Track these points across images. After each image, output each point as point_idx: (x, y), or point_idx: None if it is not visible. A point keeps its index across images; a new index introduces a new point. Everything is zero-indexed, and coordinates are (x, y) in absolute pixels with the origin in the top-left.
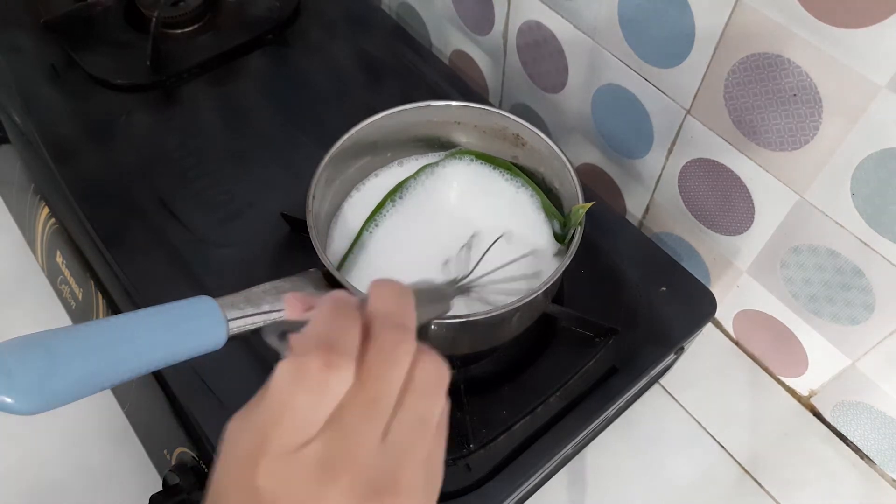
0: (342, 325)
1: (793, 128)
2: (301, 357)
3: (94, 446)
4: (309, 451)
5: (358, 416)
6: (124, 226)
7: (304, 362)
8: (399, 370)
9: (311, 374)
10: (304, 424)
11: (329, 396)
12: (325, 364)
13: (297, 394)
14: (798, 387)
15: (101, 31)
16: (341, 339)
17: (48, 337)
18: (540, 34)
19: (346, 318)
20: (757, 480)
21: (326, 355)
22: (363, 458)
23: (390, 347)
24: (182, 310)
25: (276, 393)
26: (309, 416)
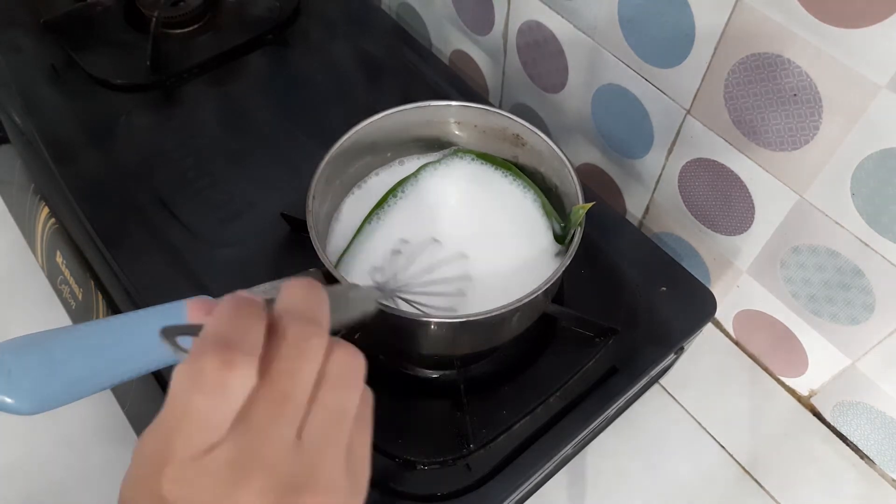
0: (242, 323)
1: (793, 128)
2: (197, 358)
3: (93, 446)
4: (216, 454)
5: (267, 415)
6: (124, 226)
7: (200, 364)
8: (310, 364)
9: (208, 374)
10: (206, 427)
11: (230, 397)
12: (222, 363)
13: (196, 397)
14: (798, 387)
15: (101, 31)
16: (239, 337)
17: (48, 337)
18: (540, 34)
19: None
20: (757, 480)
21: (223, 354)
22: (276, 457)
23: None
24: (182, 310)
25: (175, 398)
26: (211, 419)
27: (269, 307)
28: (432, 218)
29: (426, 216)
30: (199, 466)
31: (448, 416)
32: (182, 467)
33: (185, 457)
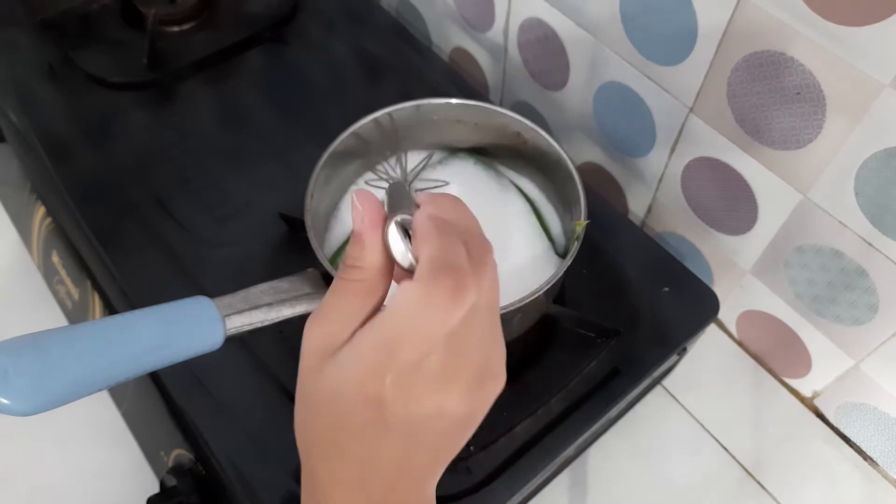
0: (456, 246)
1: (796, 126)
2: (434, 280)
3: (90, 448)
4: (431, 362)
5: (470, 325)
6: (121, 225)
7: (435, 285)
8: (492, 274)
9: (445, 295)
10: (430, 340)
11: (458, 314)
12: (457, 286)
13: (429, 313)
14: (801, 388)
15: (98, 29)
16: (462, 260)
17: (44, 337)
18: (541, 31)
19: (456, 239)
20: (759, 482)
21: (458, 278)
22: (473, 358)
23: (485, 256)
24: (179, 310)
25: (404, 312)
26: (437, 333)
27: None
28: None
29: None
30: (417, 373)
31: None
32: (402, 374)
33: (406, 365)
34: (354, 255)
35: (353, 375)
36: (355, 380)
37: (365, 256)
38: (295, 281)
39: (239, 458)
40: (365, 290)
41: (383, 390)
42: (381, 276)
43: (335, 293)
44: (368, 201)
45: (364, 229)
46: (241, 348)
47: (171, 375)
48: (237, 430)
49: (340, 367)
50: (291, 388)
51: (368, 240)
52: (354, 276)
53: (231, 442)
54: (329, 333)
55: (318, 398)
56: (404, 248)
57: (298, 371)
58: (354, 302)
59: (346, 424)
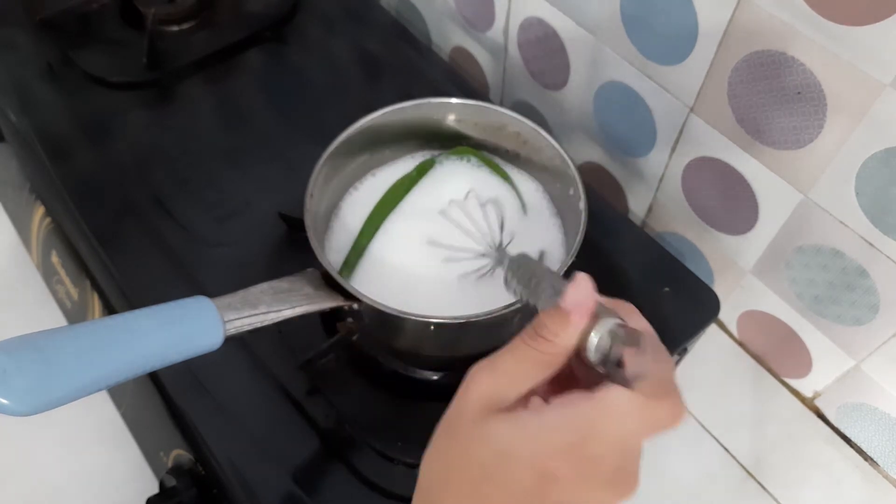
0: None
1: (797, 126)
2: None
3: (89, 448)
4: (610, 462)
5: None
6: (120, 225)
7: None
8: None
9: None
10: (621, 444)
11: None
12: (675, 414)
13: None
14: (802, 388)
15: (98, 28)
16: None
17: (43, 338)
18: (541, 30)
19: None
20: (760, 482)
21: (677, 406)
22: (634, 468)
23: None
24: (178, 310)
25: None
26: (631, 443)
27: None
28: (434, 217)
29: (427, 215)
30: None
31: None
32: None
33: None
34: (553, 329)
35: (536, 445)
36: (537, 449)
37: (562, 335)
38: (295, 281)
39: (238, 458)
40: (546, 363)
41: (561, 471)
42: (564, 357)
43: (517, 355)
44: (588, 290)
45: (576, 313)
46: (240, 348)
47: (170, 376)
48: (237, 430)
49: (521, 430)
50: (291, 389)
51: (575, 323)
52: (543, 348)
53: (230, 442)
54: (497, 388)
55: (478, 447)
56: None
57: (453, 409)
58: (530, 369)
59: (507, 484)
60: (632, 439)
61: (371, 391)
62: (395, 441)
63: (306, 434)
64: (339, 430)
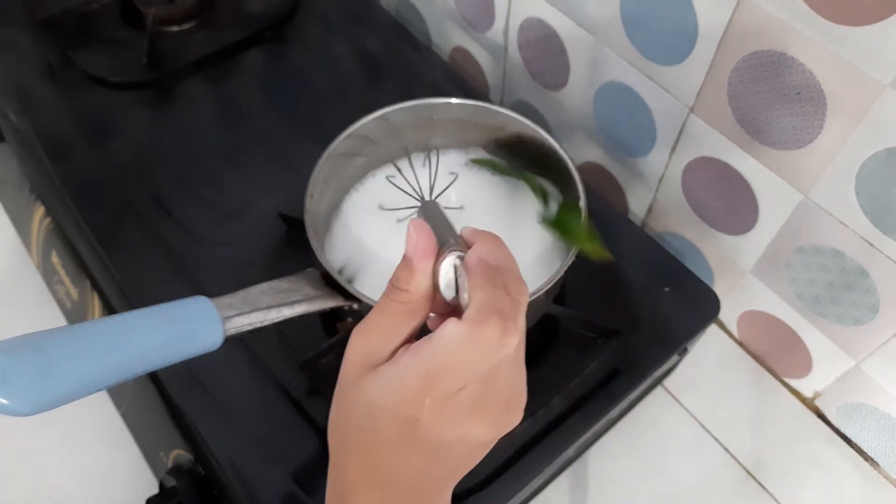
0: (503, 291)
1: (797, 126)
2: (483, 324)
3: (89, 448)
4: (465, 393)
5: (502, 363)
6: (120, 225)
7: (485, 329)
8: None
9: (492, 340)
10: (469, 375)
11: (499, 357)
12: (503, 332)
13: (473, 352)
14: (802, 388)
15: (98, 28)
16: (508, 306)
17: (43, 337)
18: (541, 31)
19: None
20: (760, 483)
21: (504, 323)
22: (502, 394)
23: (522, 300)
24: (178, 310)
25: (449, 347)
26: (476, 370)
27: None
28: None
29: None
30: (451, 402)
31: None
32: (440, 399)
33: (443, 394)
34: (404, 278)
35: (394, 394)
36: (395, 398)
37: (413, 281)
38: (295, 281)
39: (238, 458)
40: (408, 311)
41: (420, 412)
42: (425, 301)
43: (380, 310)
44: (424, 232)
45: (416, 256)
46: (240, 348)
47: (170, 376)
48: (236, 430)
49: (382, 382)
50: (290, 389)
51: (419, 267)
52: (400, 298)
53: (230, 442)
54: (371, 346)
55: (356, 406)
56: (453, 283)
57: (339, 375)
58: (397, 321)
59: (379, 435)
60: (471, 367)
61: None
62: None
63: (306, 434)
64: None
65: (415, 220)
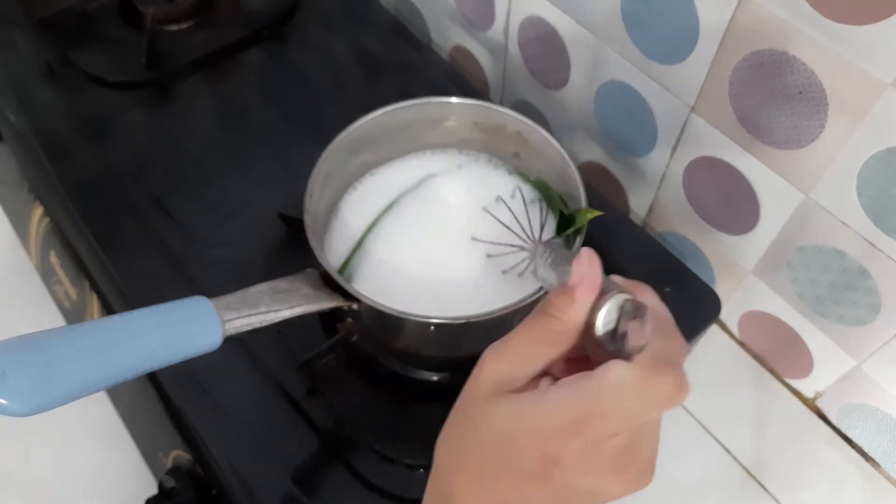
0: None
1: (798, 126)
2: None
3: (88, 449)
4: (615, 444)
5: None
6: (119, 225)
7: (659, 378)
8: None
9: (665, 390)
10: (626, 424)
11: (665, 410)
12: (678, 386)
13: (640, 400)
14: (803, 388)
15: (97, 28)
16: (681, 362)
17: (42, 338)
18: (542, 29)
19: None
20: (761, 483)
21: (678, 380)
22: (645, 453)
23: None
24: (177, 311)
25: (616, 390)
26: (635, 420)
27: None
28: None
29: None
30: (602, 448)
31: None
32: (590, 444)
33: (596, 436)
34: (560, 307)
35: (538, 427)
36: (539, 432)
37: (570, 311)
38: (294, 281)
39: (237, 459)
40: (554, 341)
41: (563, 452)
42: (574, 334)
43: (526, 334)
44: (595, 264)
45: (582, 288)
46: (239, 348)
47: (169, 376)
48: (236, 430)
49: (524, 411)
50: (290, 389)
51: (581, 300)
52: (551, 326)
53: (230, 443)
54: (510, 368)
55: (485, 428)
56: (612, 325)
57: (466, 390)
58: (541, 349)
59: (508, 465)
60: (634, 416)
61: (370, 392)
62: (395, 441)
63: (306, 434)
64: (338, 431)
65: (588, 250)
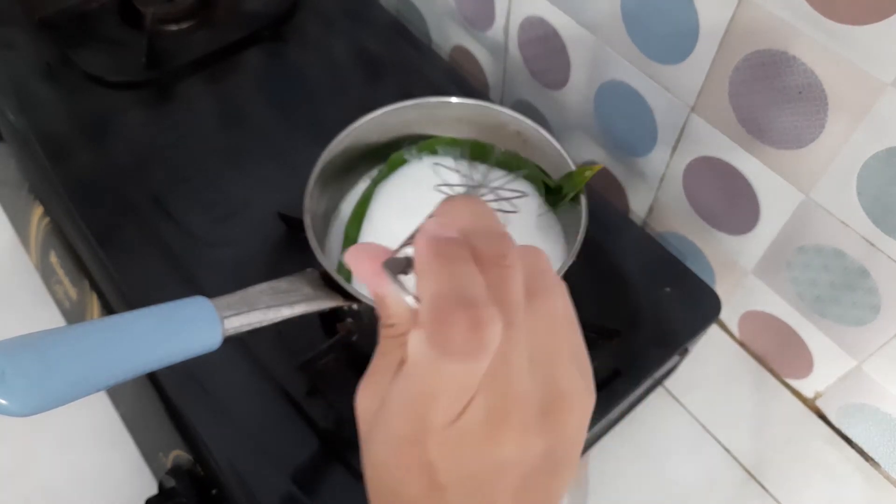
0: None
1: (798, 125)
2: (441, 324)
3: (88, 449)
4: (473, 412)
5: (510, 354)
6: (119, 225)
7: (446, 330)
8: (517, 282)
9: (460, 339)
10: (462, 391)
11: (484, 356)
12: (471, 324)
13: (449, 365)
14: (803, 389)
15: (97, 28)
16: (472, 288)
17: (42, 337)
18: (542, 30)
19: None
20: (761, 483)
21: (468, 313)
22: (523, 392)
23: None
24: (177, 310)
25: (421, 368)
26: (466, 383)
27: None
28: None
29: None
30: (460, 427)
31: None
32: (444, 433)
33: (443, 424)
34: (382, 313)
35: (391, 445)
36: (394, 450)
37: (389, 309)
38: (294, 281)
39: (237, 459)
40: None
41: (426, 455)
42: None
43: (379, 353)
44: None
45: (372, 285)
46: (239, 349)
47: (169, 376)
48: (236, 430)
49: (379, 435)
50: (290, 389)
51: (382, 292)
52: (392, 333)
53: (230, 443)
54: (375, 395)
55: (370, 470)
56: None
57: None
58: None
59: (401, 497)
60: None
61: None
62: None
63: (306, 435)
64: (338, 431)
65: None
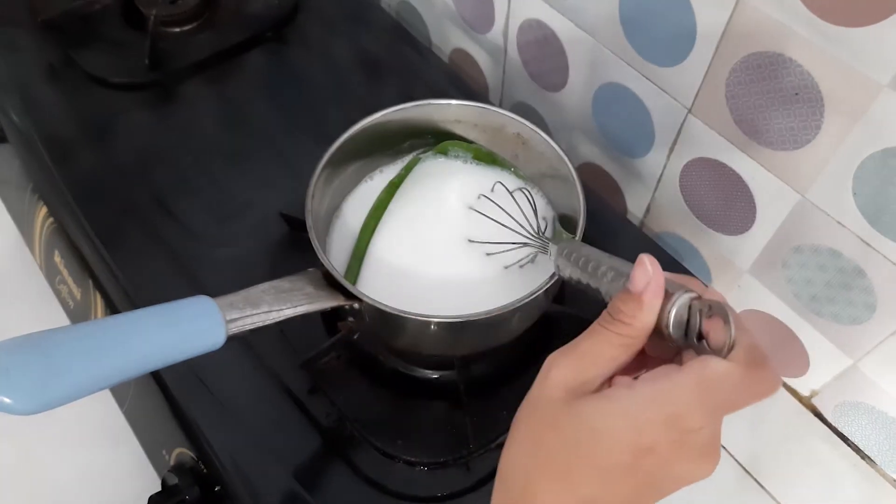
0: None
1: (794, 127)
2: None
3: (92, 446)
4: (705, 433)
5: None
6: (122, 225)
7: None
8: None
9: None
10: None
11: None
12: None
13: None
14: (799, 387)
15: (100, 29)
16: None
17: (46, 337)
18: (541, 32)
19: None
20: (757, 480)
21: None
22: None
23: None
24: (181, 310)
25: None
26: (729, 412)
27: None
28: (435, 217)
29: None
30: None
31: (448, 417)
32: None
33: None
34: (628, 312)
35: (633, 420)
36: (633, 424)
37: (639, 316)
38: (296, 281)
39: (240, 456)
40: (627, 345)
41: (659, 444)
42: (644, 337)
43: (595, 339)
44: (658, 268)
45: (649, 293)
46: (242, 347)
47: (172, 374)
48: (238, 428)
49: (613, 407)
50: (292, 387)
51: (649, 304)
52: (621, 331)
53: (232, 440)
54: (582, 372)
55: (570, 429)
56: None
57: (533, 396)
58: (613, 353)
59: (597, 461)
60: (730, 409)
61: (372, 390)
62: (396, 439)
63: (307, 432)
64: (340, 429)
65: (648, 256)
